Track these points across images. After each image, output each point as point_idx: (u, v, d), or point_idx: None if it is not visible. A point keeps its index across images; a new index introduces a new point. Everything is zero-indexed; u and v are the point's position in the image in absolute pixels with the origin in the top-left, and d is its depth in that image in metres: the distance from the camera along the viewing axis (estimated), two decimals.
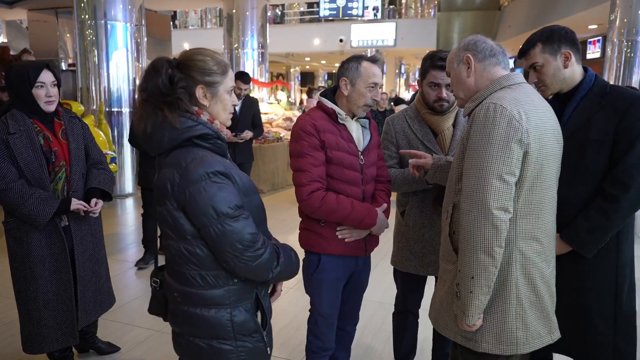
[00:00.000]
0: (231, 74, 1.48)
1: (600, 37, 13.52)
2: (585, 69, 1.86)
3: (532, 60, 1.84)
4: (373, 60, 2.02)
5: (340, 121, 2.03)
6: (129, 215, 6.40)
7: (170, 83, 1.38)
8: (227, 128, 1.54)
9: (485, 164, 1.41)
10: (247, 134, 4.87)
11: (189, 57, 1.42)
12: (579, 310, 1.78)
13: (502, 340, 1.50)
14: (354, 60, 2.02)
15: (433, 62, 2.09)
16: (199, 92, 1.41)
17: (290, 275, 1.56)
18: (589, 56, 14.36)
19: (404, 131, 2.23)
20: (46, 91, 2.27)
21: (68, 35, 10.33)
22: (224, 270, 1.42)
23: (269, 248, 1.43)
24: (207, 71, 1.41)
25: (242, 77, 4.92)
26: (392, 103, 9.63)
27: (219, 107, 1.46)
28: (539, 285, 1.52)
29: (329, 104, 2.04)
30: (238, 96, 4.85)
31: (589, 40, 14.23)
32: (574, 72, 1.83)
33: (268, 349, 1.54)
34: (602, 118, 1.75)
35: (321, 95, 2.10)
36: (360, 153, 2.06)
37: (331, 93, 2.09)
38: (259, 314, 1.52)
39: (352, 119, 2.07)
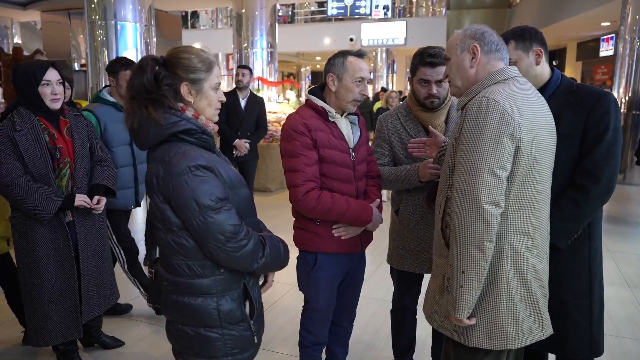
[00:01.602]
0: (217, 71, 1.52)
1: (613, 35, 13.30)
2: (552, 69, 1.93)
3: None
4: (359, 54, 2.02)
5: (331, 119, 2.03)
6: (139, 213, 6.46)
7: (155, 81, 1.43)
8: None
9: (476, 158, 1.41)
10: (243, 148, 4.90)
11: (174, 55, 1.47)
12: (555, 304, 1.79)
13: (492, 335, 1.50)
14: (340, 56, 2.02)
15: (422, 58, 2.09)
16: (184, 89, 1.46)
17: (278, 266, 1.59)
18: (602, 54, 14.16)
19: (396, 129, 2.23)
20: (52, 89, 2.32)
21: (81, 36, 10.45)
22: (210, 260, 1.46)
23: (252, 239, 1.46)
24: (191, 68, 1.45)
25: (240, 66, 5.19)
26: (401, 102, 9.58)
27: (204, 103, 1.50)
28: (530, 280, 1.52)
29: (318, 102, 2.04)
30: (239, 83, 5.01)
31: (602, 37, 14.03)
32: (544, 70, 1.89)
33: (255, 337, 1.58)
34: (571, 113, 1.81)
35: (309, 93, 2.10)
36: (351, 150, 2.07)
37: (319, 90, 2.09)
38: (247, 303, 1.55)
39: (341, 116, 2.07)
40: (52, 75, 2.32)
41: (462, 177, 1.44)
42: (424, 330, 2.69)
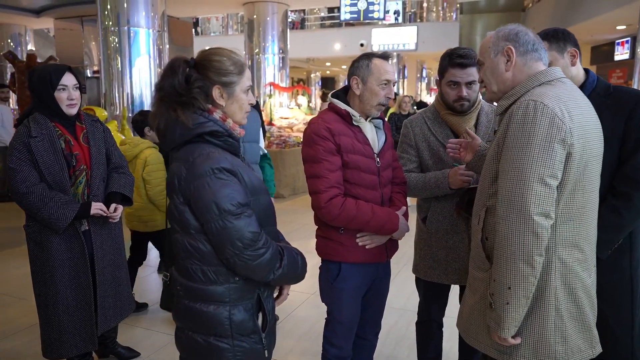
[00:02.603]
0: (248, 74, 1.49)
1: (629, 38, 13.15)
2: (586, 71, 1.85)
3: None
4: (384, 56, 1.95)
5: (355, 123, 1.95)
6: None
7: (186, 83, 1.40)
8: None
9: (525, 166, 1.31)
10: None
11: (206, 57, 1.44)
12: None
13: (539, 355, 1.40)
14: (364, 58, 1.94)
15: (452, 59, 2.01)
16: (216, 92, 1.43)
17: (295, 279, 1.54)
18: (617, 57, 13.98)
19: (424, 134, 2.15)
20: (68, 94, 2.27)
21: (93, 43, 10.51)
22: (225, 267, 1.41)
23: (271, 249, 1.41)
24: (223, 71, 1.42)
25: None
26: (415, 107, 9.51)
27: (235, 107, 1.47)
28: (580, 295, 1.42)
29: (341, 105, 1.96)
30: None
31: (617, 41, 13.86)
32: (579, 71, 1.83)
33: (266, 351, 1.52)
34: (609, 117, 1.71)
35: (332, 96, 2.01)
36: (376, 155, 1.98)
37: (343, 94, 2.01)
38: (260, 315, 1.50)
39: (365, 120, 1.99)
40: (68, 79, 2.27)
41: (509, 186, 1.34)
42: (447, 342, 2.59)
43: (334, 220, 1.89)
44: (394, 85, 1.97)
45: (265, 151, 3.40)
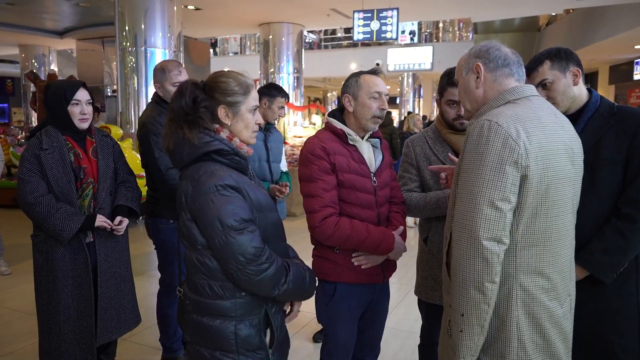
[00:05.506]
0: (254, 94, 1.54)
1: None
2: (590, 91, 1.83)
3: (540, 77, 1.79)
4: (372, 72, 1.99)
5: (351, 142, 1.96)
6: None
7: (193, 103, 1.48)
8: None
9: (475, 189, 1.26)
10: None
11: (213, 79, 1.53)
12: (598, 345, 1.63)
13: None
14: (353, 76, 1.99)
15: (450, 78, 2.02)
16: (221, 111, 1.50)
17: (303, 295, 1.56)
18: (636, 77, 13.83)
19: (425, 153, 2.14)
20: (81, 109, 2.34)
21: (113, 63, 10.79)
22: (231, 282, 1.44)
23: (275, 264, 1.43)
24: (228, 92, 1.50)
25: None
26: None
27: (241, 126, 1.53)
28: (546, 326, 1.33)
29: (337, 124, 1.98)
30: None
31: (636, 60, 13.71)
32: (582, 91, 1.80)
33: None
34: (613, 137, 1.69)
35: (329, 115, 2.04)
36: (372, 174, 1.98)
37: (339, 113, 2.03)
38: (268, 331, 1.51)
39: (362, 138, 1.99)
40: (82, 95, 2.34)
41: (461, 209, 1.30)
42: None
43: (328, 239, 1.89)
44: (387, 97, 1.98)
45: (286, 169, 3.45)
